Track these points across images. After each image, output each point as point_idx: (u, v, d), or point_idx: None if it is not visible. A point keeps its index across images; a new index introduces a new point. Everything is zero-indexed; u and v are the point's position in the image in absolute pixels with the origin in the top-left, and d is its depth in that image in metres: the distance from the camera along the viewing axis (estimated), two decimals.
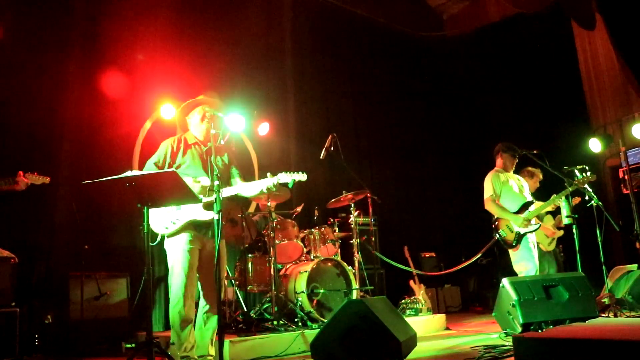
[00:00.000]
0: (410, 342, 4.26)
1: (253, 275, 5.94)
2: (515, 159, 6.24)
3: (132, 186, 3.49)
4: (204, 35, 7.48)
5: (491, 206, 6.00)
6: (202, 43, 7.42)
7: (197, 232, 4.11)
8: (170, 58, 6.98)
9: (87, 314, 5.66)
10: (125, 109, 6.71)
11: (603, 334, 3.41)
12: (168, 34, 7.07)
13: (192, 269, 4.07)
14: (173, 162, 4.20)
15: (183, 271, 4.03)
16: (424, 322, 6.25)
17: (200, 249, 4.13)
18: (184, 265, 4.04)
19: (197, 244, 4.11)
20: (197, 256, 4.11)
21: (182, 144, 4.28)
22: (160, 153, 4.24)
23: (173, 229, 4.06)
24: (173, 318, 4.02)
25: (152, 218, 4.04)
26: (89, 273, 5.79)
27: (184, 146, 4.26)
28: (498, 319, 5.19)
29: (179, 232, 4.07)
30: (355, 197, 6.42)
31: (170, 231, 4.06)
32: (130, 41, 6.85)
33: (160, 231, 4.08)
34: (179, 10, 7.33)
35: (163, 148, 4.26)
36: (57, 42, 6.38)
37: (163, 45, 7.01)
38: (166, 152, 4.22)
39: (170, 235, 4.09)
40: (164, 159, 4.20)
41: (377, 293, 7.25)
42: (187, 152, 4.24)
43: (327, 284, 5.84)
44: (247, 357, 4.73)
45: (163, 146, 4.27)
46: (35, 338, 5.46)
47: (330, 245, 6.46)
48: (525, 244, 5.83)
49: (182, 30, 7.25)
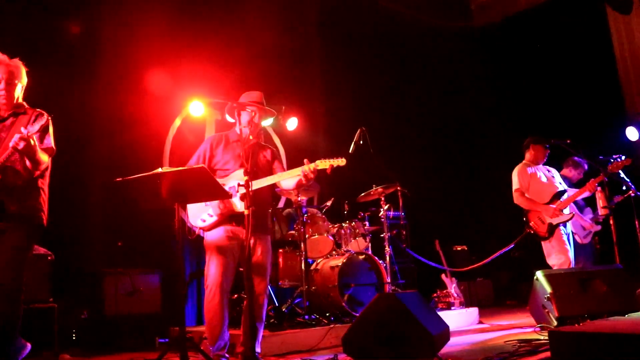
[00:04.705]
0: (443, 336, 4.22)
1: (284, 270, 5.96)
2: (546, 150, 6.15)
3: (163, 183, 3.52)
4: (231, 32, 7.49)
5: (519, 199, 5.92)
6: (230, 39, 7.44)
7: (235, 225, 4.07)
8: (198, 55, 7.02)
9: (121, 310, 5.74)
10: (155, 107, 6.78)
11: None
12: (196, 31, 7.12)
13: (228, 263, 4.04)
14: (212, 159, 4.22)
15: (220, 265, 4.00)
16: (457, 316, 6.19)
17: (239, 242, 4.09)
18: (221, 260, 4.01)
19: (235, 237, 4.08)
20: (234, 250, 4.08)
21: (222, 141, 4.30)
22: (200, 152, 4.28)
23: (210, 222, 4.05)
24: (208, 313, 4.00)
25: (190, 212, 4.08)
26: (122, 269, 5.88)
27: (224, 143, 4.29)
28: (532, 312, 5.11)
29: (216, 225, 4.06)
30: (386, 191, 6.38)
31: (206, 224, 4.06)
32: (159, 39, 6.90)
33: (198, 225, 4.09)
34: (208, 7, 7.37)
35: (203, 146, 4.31)
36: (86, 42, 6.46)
37: (191, 43, 7.06)
38: (205, 151, 4.25)
39: (207, 228, 4.09)
40: (203, 157, 4.23)
41: (408, 287, 7.20)
42: (228, 149, 4.25)
43: (358, 278, 5.82)
44: (279, 351, 4.73)
45: (203, 145, 4.32)
46: (72, 333, 5.58)
47: (361, 240, 6.44)
48: (558, 236, 5.73)
49: (209, 27, 7.28)
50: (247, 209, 3.64)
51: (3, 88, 3.76)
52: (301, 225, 5.80)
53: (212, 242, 4.08)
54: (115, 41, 6.66)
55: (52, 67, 6.10)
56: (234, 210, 4.04)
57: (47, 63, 6.07)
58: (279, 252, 6.01)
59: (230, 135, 4.38)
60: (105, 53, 6.58)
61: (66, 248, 5.73)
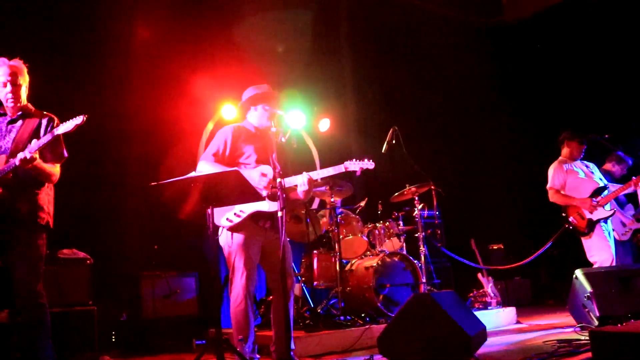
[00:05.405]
0: (480, 336, 4.16)
1: (319, 272, 5.96)
2: (582, 145, 6.02)
3: (197, 186, 3.55)
4: (263, 34, 7.54)
5: (554, 197, 5.83)
6: (261, 42, 7.49)
7: (258, 225, 4.04)
8: (230, 58, 7.08)
9: (158, 312, 5.82)
10: (187, 111, 6.86)
11: None
12: (228, 34, 7.18)
13: (254, 264, 4.02)
14: (234, 151, 4.13)
15: (245, 267, 3.96)
16: (494, 316, 6.10)
17: (263, 242, 4.07)
18: (247, 261, 3.97)
19: (259, 237, 4.05)
20: (259, 250, 4.06)
21: (242, 132, 4.22)
22: (219, 142, 4.14)
23: (236, 222, 3.98)
24: (236, 317, 3.97)
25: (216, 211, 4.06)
26: (159, 272, 5.97)
27: (245, 135, 4.21)
28: (572, 312, 5.01)
29: (242, 225, 3.99)
30: (419, 190, 6.33)
31: (233, 224, 3.98)
32: (192, 43, 6.99)
33: (223, 224, 4.02)
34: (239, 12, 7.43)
35: (222, 137, 4.17)
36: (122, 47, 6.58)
37: (223, 46, 7.13)
38: (226, 141, 4.13)
39: (233, 228, 4.01)
40: (223, 149, 4.11)
41: (444, 287, 7.13)
42: (249, 141, 4.18)
43: (393, 278, 5.78)
44: (315, 352, 4.74)
45: (222, 135, 4.18)
46: (112, 335, 5.69)
47: (395, 240, 6.41)
48: (599, 232, 5.60)
49: (241, 31, 7.33)
50: (281, 210, 3.64)
51: (10, 90, 3.78)
52: (335, 226, 5.80)
53: (237, 242, 4.00)
54: (150, 46, 6.77)
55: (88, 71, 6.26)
56: (262, 207, 3.99)
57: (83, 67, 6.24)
58: (313, 254, 6.02)
59: (247, 126, 4.30)
60: (139, 57, 6.69)
61: (104, 252, 5.85)
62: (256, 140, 4.22)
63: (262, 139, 4.23)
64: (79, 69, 6.22)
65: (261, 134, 4.26)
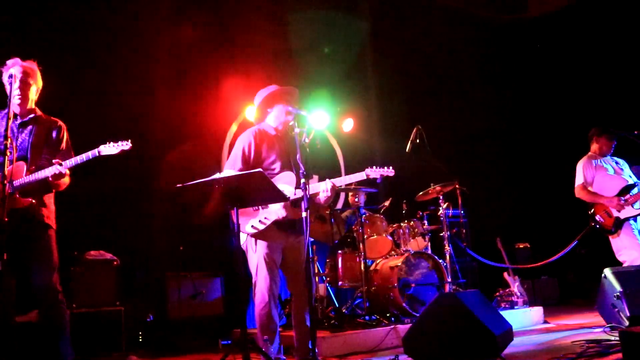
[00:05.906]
0: (506, 336, 4.12)
1: (343, 271, 5.96)
2: (612, 142, 5.93)
3: (221, 187, 3.56)
4: (286, 35, 7.57)
5: (580, 193, 5.74)
6: (285, 43, 7.52)
7: (280, 229, 4.04)
8: (254, 60, 7.12)
9: (184, 312, 5.89)
10: (212, 113, 6.91)
11: None
12: (251, 36, 7.22)
13: (277, 267, 4.05)
14: (259, 155, 4.13)
15: (268, 271, 3.98)
16: (520, 316, 6.03)
17: (284, 246, 4.09)
18: (270, 266, 3.99)
19: (281, 241, 4.07)
20: (280, 254, 4.08)
21: (265, 136, 4.21)
22: (244, 144, 4.13)
23: (261, 229, 3.99)
24: (261, 320, 3.98)
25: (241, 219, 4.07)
26: (184, 273, 6.02)
27: (267, 140, 4.20)
28: (601, 312, 4.92)
29: (266, 231, 4.00)
30: (444, 189, 6.29)
31: (258, 231, 3.99)
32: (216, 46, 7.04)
33: (248, 231, 4.02)
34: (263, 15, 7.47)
35: (247, 139, 4.17)
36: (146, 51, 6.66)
37: (247, 49, 7.17)
38: (250, 143, 4.13)
39: (257, 235, 4.02)
40: (249, 150, 4.11)
41: (470, 286, 7.07)
42: (271, 146, 4.18)
43: (419, 277, 5.76)
44: (340, 352, 4.74)
45: (244, 141, 4.17)
46: (139, 335, 5.76)
47: (420, 239, 6.38)
48: (628, 231, 5.50)
49: (265, 33, 7.37)
50: (305, 211, 3.64)
51: (18, 87, 3.77)
52: (359, 226, 5.79)
53: (261, 247, 4.01)
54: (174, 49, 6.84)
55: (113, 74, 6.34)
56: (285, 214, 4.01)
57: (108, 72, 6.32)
58: (337, 254, 6.02)
59: (266, 129, 4.29)
60: (164, 62, 6.76)
61: (131, 253, 5.92)
62: (278, 143, 4.23)
63: (282, 141, 4.25)
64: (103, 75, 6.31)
65: (281, 134, 4.27)
